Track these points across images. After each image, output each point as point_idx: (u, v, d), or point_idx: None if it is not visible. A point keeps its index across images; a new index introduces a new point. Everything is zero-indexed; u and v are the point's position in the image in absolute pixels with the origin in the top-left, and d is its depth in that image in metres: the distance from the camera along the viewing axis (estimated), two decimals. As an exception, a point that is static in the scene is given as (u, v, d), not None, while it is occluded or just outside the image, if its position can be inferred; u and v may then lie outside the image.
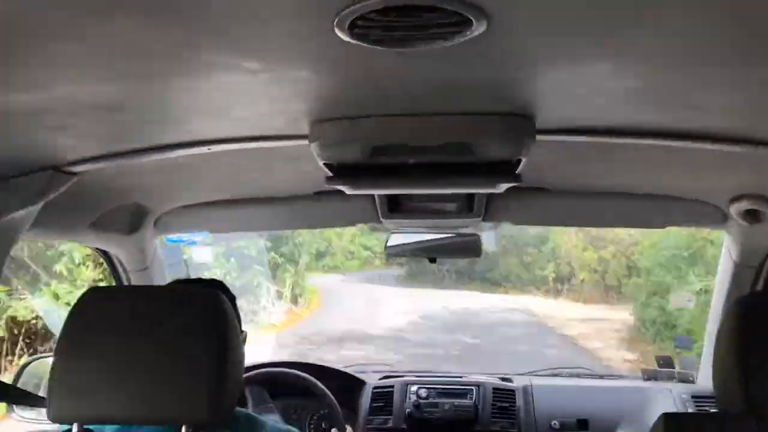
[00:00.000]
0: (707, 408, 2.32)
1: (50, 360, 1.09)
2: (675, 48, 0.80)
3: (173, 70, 0.90)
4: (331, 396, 2.24)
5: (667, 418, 1.10)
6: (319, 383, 2.28)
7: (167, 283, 1.58)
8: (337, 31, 0.73)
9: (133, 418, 1.07)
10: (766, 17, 0.69)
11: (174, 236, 2.41)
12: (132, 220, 1.96)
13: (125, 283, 2.15)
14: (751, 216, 1.83)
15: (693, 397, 2.38)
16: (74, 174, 1.36)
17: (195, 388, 1.04)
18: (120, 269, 2.15)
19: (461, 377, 2.66)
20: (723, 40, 0.76)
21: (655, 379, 2.66)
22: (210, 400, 1.04)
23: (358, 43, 0.75)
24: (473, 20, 0.70)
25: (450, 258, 2.51)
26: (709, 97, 1.00)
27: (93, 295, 1.14)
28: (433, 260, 2.56)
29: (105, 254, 2.11)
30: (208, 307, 1.10)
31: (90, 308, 1.10)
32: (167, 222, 2.08)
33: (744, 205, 1.76)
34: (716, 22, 0.72)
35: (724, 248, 2.23)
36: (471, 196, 1.80)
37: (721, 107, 1.04)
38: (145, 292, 1.30)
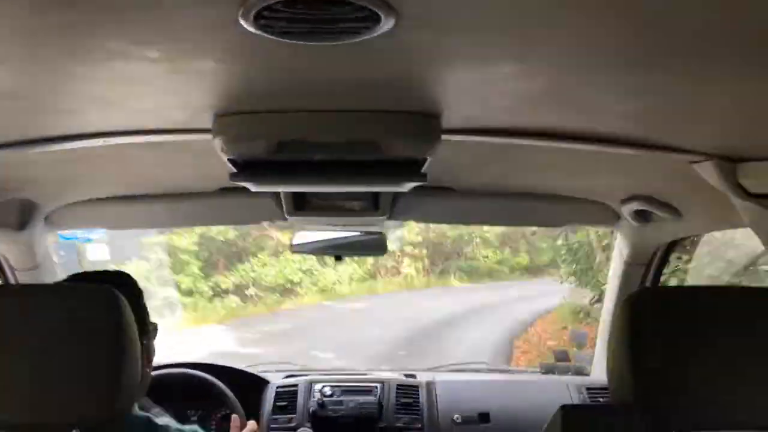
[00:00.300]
0: (600, 399, 2.43)
1: None
2: (576, 52, 0.83)
3: (67, 56, 0.85)
4: (232, 395, 2.20)
5: (564, 410, 1.14)
6: (218, 383, 2.24)
7: (63, 278, 1.51)
8: (242, 21, 0.71)
9: (27, 419, 1.02)
10: (658, 26, 0.72)
11: (68, 233, 2.30)
12: (20, 215, 1.85)
13: (12, 282, 2.03)
14: (641, 216, 1.93)
15: (587, 389, 2.49)
16: None
17: (84, 388, 1.00)
18: (6, 268, 2.02)
19: (365, 374, 2.67)
20: (620, 46, 0.79)
21: (553, 372, 2.76)
22: (101, 400, 1.00)
23: (264, 34, 0.74)
24: (381, 16, 0.70)
25: (356, 256, 2.52)
26: (606, 101, 1.04)
27: None
28: (339, 258, 2.56)
29: (-10, 251, 1.98)
30: (99, 302, 1.05)
31: None
32: (59, 218, 1.97)
33: (634, 205, 1.86)
34: (613, 29, 0.74)
35: (615, 247, 2.34)
36: (377, 194, 1.81)
37: (617, 111, 1.09)
38: (33, 290, 1.24)
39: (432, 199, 1.97)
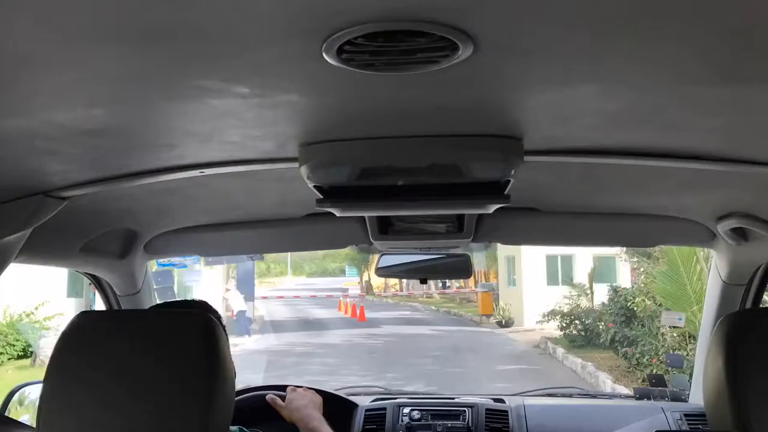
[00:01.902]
0: (698, 426, 2.32)
1: (40, 386, 1.08)
2: (658, 69, 0.81)
3: (162, 95, 0.90)
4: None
5: None
6: None
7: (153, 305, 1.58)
8: (325, 56, 0.74)
9: None
10: (744, 36, 0.71)
11: (165, 260, 2.41)
12: (122, 244, 1.96)
13: (115, 307, 2.14)
14: (739, 234, 1.84)
15: (685, 415, 2.38)
16: (64, 199, 1.36)
17: (186, 411, 1.04)
18: (110, 293, 2.14)
19: (453, 398, 2.65)
20: (703, 60, 0.78)
21: (648, 397, 2.66)
22: (201, 422, 1.04)
23: (346, 67, 0.76)
24: (460, 45, 0.71)
25: (440, 278, 2.53)
26: (692, 117, 1.02)
27: (83, 319, 1.13)
28: (424, 281, 2.56)
29: (95, 278, 2.10)
30: (198, 328, 1.10)
31: (80, 333, 1.10)
32: (157, 246, 2.07)
33: (731, 223, 1.78)
34: (697, 42, 0.73)
35: (712, 266, 2.25)
36: (461, 216, 1.81)
37: (703, 126, 1.06)
38: (136, 315, 1.30)
39: (517, 220, 1.95)
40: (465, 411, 2.49)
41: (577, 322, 13.07)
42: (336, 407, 2.52)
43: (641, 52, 0.76)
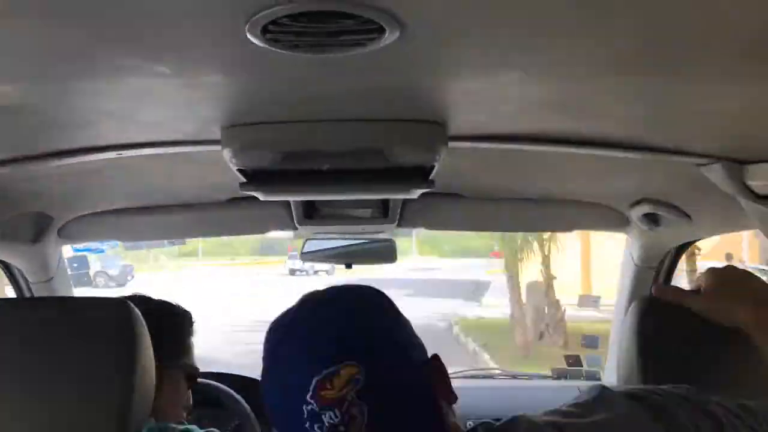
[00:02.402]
0: None
1: None
2: (579, 58, 0.83)
3: (78, 72, 0.87)
4: (246, 407, 2.20)
5: None
6: (234, 394, 2.24)
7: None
8: (249, 35, 0.72)
9: None
10: (659, 28, 0.73)
11: (81, 245, 2.32)
12: (34, 228, 1.87)
13: (27, 295, 2.05)
14: (650, 219, 1.93)
15: None
16: None
17: (99, 404, 1.01)
18: (21, 281, 2.05)
19: None
20: (622, 50, 0.80)
21: (565, 377, 2.76)
22: (115, 415, 1.01)
23: (271, 48, 0.75)
24: (386, 28, 0.71)
25: (365, 263, 2.53)
26: (610, 105, 1.05)
27: None
28: (349, 266, 2.57)
29: (4, 265, 2.00)
30: (110, 315, 1.06)
31: None
32: (72, 230, 1.99)
33: (643, 209, 1.86)
34: (615, 34, 0.75)
35: (625, 250, 2.34)
36: (386, 202, 1.82)
37: (622, 115, 1.09)
38: (46, 303, 1.25)
39: (441, 206, 1.97)
40: None
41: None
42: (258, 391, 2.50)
43: (562, 41, 0.78)
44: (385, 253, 2.40)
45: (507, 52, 0.82)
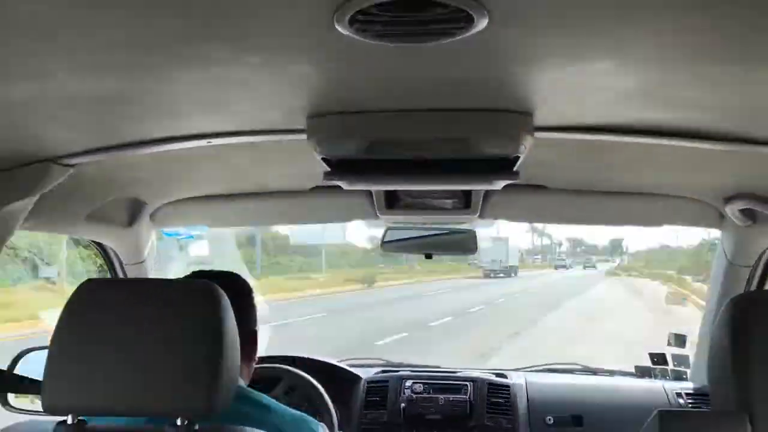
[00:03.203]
0: (699, 405, 2.33)
1: (46, 351, 1.09)
2: (673, 46, 0.80)
3: (171, 63, 0.90)
4: (320, 389, 2.23)
5: (662, 415, 1.10)
6: (307, 376, 2.28)
7: (186, 275, 1.57)
8: (336, 25, 0.73)
9: (128, 410, 1.07)
10: (756, 16, 0.69)
11: (171, 230, 2.41)
12: (128, 213, 1.96)
13: (120, 276, 2.15)
14: (747, 215, 1.83)
15: (687, 394, 2.39)
16: (70, 166, 1.36)
17: (190, 381, 1.04)
18: (116, 262, 2.14)
19: (456, 372, 2.67)
20: (720, 38, 0.76)
21: (649, 375, 2.67)
22: (206, 393, 1.04)
23: (358, 38, 0.75)
24: (474, 17, 0.70)
25: (445, 254, 2.52)
26: (705, 95, 1.01)
27: (90, 286, 1.14)
28: (429, 256, 2.56)
29: (100, 246, 2.11)
30: (198, 297, 1.10)
31: (87, 300, 1.10)
32: (164, 215, 2.07)
33: (739, 204, 1.77)
34: (714, 20, 0.72)
35: (719, 247, 2.24)
36: (468, 192, 1.81)
37: (718, 106, 1.05)
38: (142, 284, 1.30)
39: (525, 198, 1.94)
40: (467, 385, 2.51)
41: None
42: (339, 379, 2.54)
43: (655, 30, 0.75)
44: (466, 245, 2.38)
45: (596, 41, 0.80)
